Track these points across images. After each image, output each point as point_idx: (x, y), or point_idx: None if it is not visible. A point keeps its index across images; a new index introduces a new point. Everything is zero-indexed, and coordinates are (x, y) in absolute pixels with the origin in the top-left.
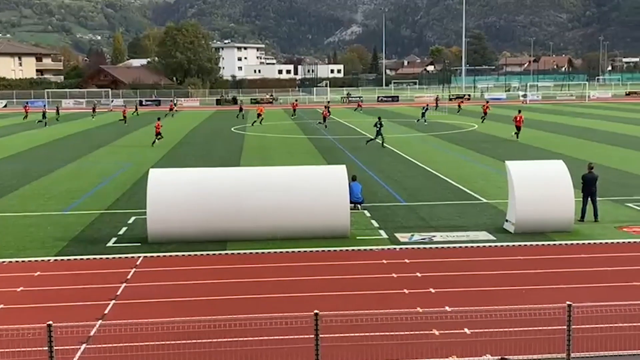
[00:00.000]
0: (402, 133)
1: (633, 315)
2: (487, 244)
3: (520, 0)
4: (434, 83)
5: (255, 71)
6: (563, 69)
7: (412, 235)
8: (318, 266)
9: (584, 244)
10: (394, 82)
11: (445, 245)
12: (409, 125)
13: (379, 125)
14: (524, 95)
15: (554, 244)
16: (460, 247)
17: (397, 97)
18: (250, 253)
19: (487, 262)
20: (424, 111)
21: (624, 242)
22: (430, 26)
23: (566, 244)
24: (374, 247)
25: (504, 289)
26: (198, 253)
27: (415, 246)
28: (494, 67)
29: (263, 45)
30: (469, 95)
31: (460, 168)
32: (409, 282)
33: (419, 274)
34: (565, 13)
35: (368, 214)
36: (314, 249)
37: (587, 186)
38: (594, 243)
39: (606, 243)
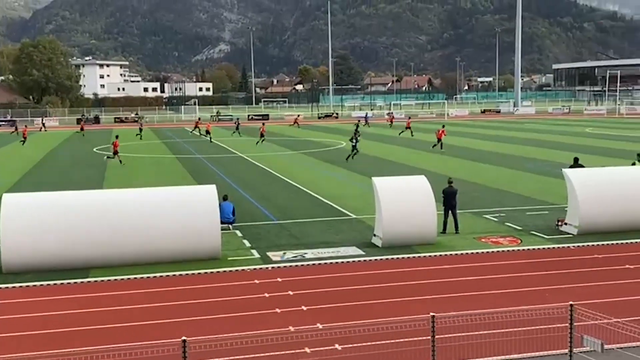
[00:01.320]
0: (274, 151)
1: (493, 323)
2: (356, 259)
3: (382, 22)
4: (303, 102)
5: (119, 89)
6: (424, 88)
7: (284, 253)
8: (188, 290)
9: (446, 255)
10: (264, 101)
11: (317, 262)
12: (279, 143)
13: (354, 141)
14: (389, 114)
15: (419, 257)
16: (331, 263)
17: (268, 115)
18: (115, 280)
19: (357, 276)
20: (356, 128)
21: (482, 252)
22: (297, 46)
23: (430, 256)
24: (245, 268)
25: (373, 303)
26: (58, 282)
27: (287, 264)
28: (360, 87)
29: (127, 63)
30: (337, 113)
31: (330, 185)
32: (281, 301)
33: (290, 292)
34: (425, 35)
35: (240, 234)
36: (184, 272)
37: (448, 200)
38: (456, 254)
39: (467, 254)
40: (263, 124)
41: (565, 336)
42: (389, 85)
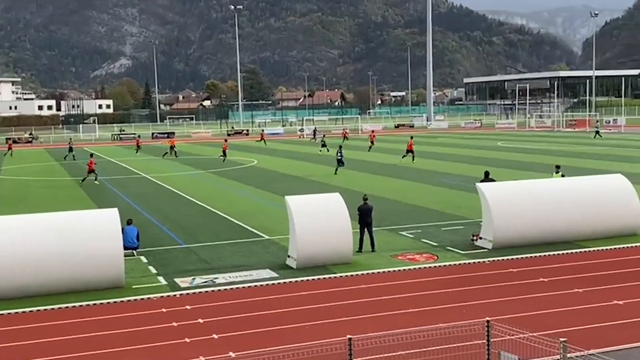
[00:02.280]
0: (180, 170)
1: (411, 343)
2: (270, 282)
3: (292, 36)
4: (211, 118)
5: (10, 107)
6: (336, 103)
7: (194, 279)
8: (90, 321)
9: (362, 274)
10: (169, 118)
11: (228, 287)
12: (187, 162)
13: (340, 155)
14: (301, 130)
15: (335, 277)
16: (243, 287)
17: (173, 133)
18: (9, 313)
19: (271, 300)
20: (322, 142)
21: (399, 270)
22: (204, 60)
23: (346, 276)
24: (152, 296)
25: (288, 327)
26: None
27: (197, 290)
28: (270, 102)
29: (19, 79)
30: (247, 130)
31: (240, 205)
32: (191, 329)
33: (201, 320)
34: (336, 49)
35: (145, 260)
36: (85, 303)
37: (363, 217)
38: (372, 273)
39: (383, 272)
40: (225, 140)
41: (483, 353)
42: (301, 100)
